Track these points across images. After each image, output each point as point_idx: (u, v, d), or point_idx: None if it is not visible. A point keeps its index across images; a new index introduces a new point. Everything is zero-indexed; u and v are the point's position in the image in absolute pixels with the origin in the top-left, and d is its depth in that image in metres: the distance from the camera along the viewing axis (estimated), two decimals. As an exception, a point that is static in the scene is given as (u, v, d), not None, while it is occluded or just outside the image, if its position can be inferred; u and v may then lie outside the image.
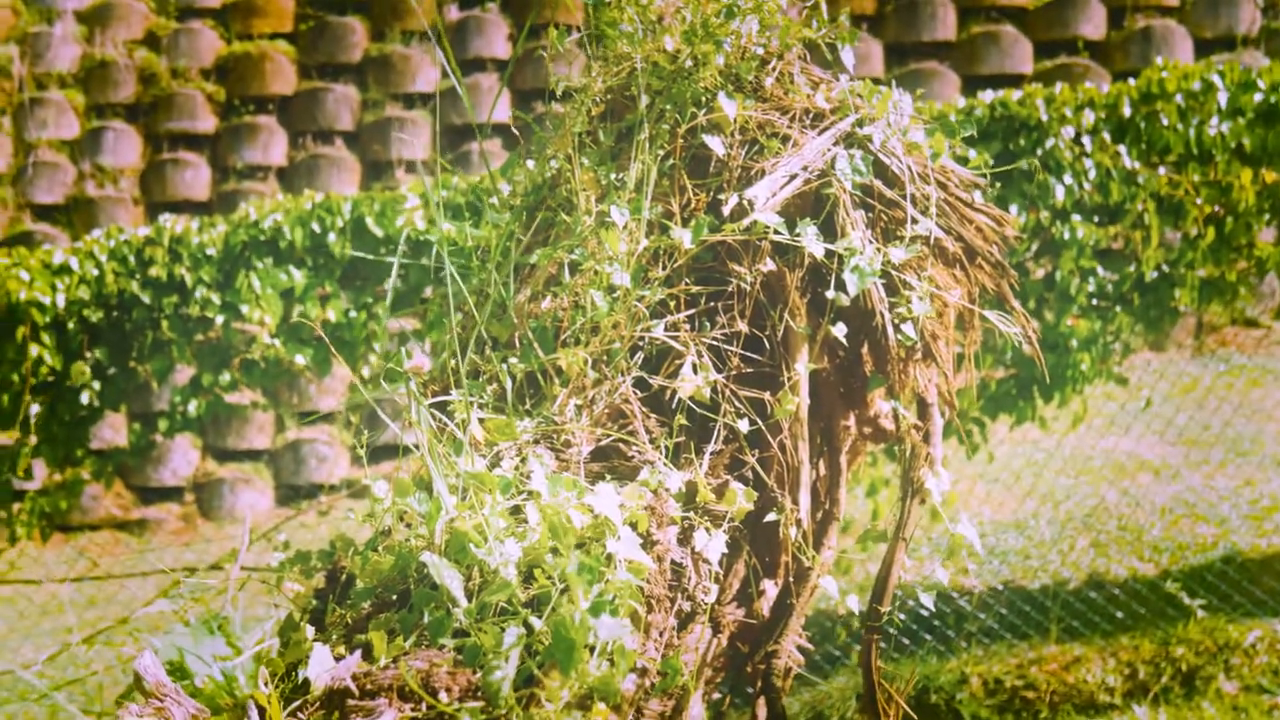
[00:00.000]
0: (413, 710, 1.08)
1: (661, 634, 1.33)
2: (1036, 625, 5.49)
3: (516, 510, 1.52)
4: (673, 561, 1.49)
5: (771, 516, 2.05)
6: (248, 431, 8.04)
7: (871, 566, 6.36)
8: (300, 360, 5.00)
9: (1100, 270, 5.17)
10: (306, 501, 7.59)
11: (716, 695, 2.61)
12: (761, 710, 2.42)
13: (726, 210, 2.02)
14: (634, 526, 1.36)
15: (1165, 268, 5.24)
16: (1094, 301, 5.21)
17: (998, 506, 6.53)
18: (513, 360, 1.99)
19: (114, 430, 6.79)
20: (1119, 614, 5.51)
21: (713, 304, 2.04)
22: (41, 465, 5.39)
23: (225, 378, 5.04)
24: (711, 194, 2.11)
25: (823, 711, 5.06)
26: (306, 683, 1.20)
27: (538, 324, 2.02)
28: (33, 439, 5.05)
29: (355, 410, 6.78)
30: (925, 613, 5.42)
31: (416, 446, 1.67)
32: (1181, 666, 5.13)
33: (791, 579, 2.13)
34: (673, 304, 2.01)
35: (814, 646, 3.24)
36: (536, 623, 1.18)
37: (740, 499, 1.73)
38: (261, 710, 1.14)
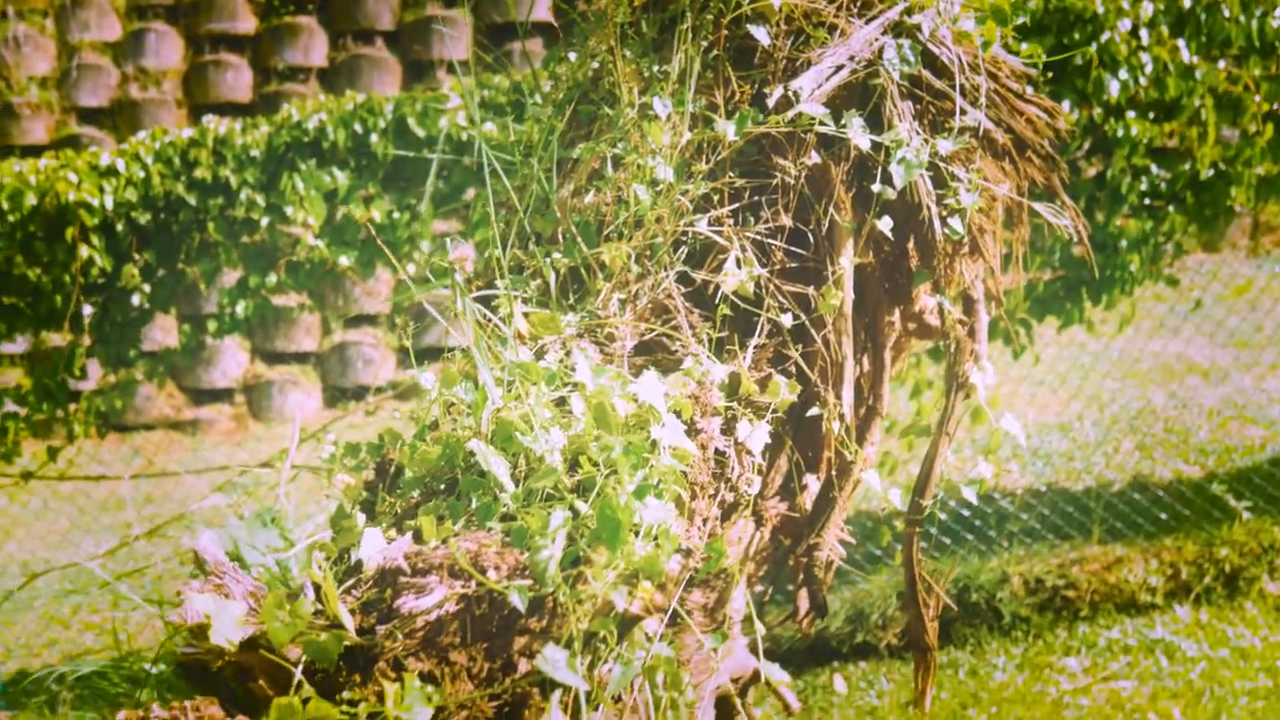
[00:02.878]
0: (462, 587, 1.10)
1: (705, 522, 1.35)
2: (1079, 526, 5.50)
3: (561, 402, 1.54)
4: (716, 451, 1.50)
5: (814, 411, 2.05)
6: (295, 334, 8.13)
7: (914, 468, 6.39)
8: (344, 261, 5.03)
9: (1154, 169, 5.05)
10: (354, 403, 7.71)
11: (758, 588, 2.65)
12: (803, 602, 2.46)
13: (771, 102, 1.99)
14: (678, 414, 1.37)
15: (1221, 165, 5.10)
16: (1146, 201, 5.10)
17: (1042, 409, 6.50)
18: (556, 255, 1.99)
19: (164, 332, 6.89)
20: (1163, 516, 5.50)
21: (756, 198, 2.02)
22: (96, 366, 5.50)
23: (271, 279, 5.09)
24: (756, 86, 2.07)
25: (863, 610, 5.14)
26: (359, 565, 1.23)
27: (580, 219, 2.02)
28: (86, 340, 5.14)
29: (400, 312, 6.83)
30: (966, 513, 5.44)
31: (460, 350, 1.69)
32: (1225, 568, 5.13)
33: (834, 473, 2.14)
34: (716, 198, 2.00)
35: (855, 545, 3.27)
36: (582, 506, 1.20)
37: (784, 390, 1.73)
38: (316, 589, 1.18)
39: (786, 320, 1.91)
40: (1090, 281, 5.06)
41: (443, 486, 1.55)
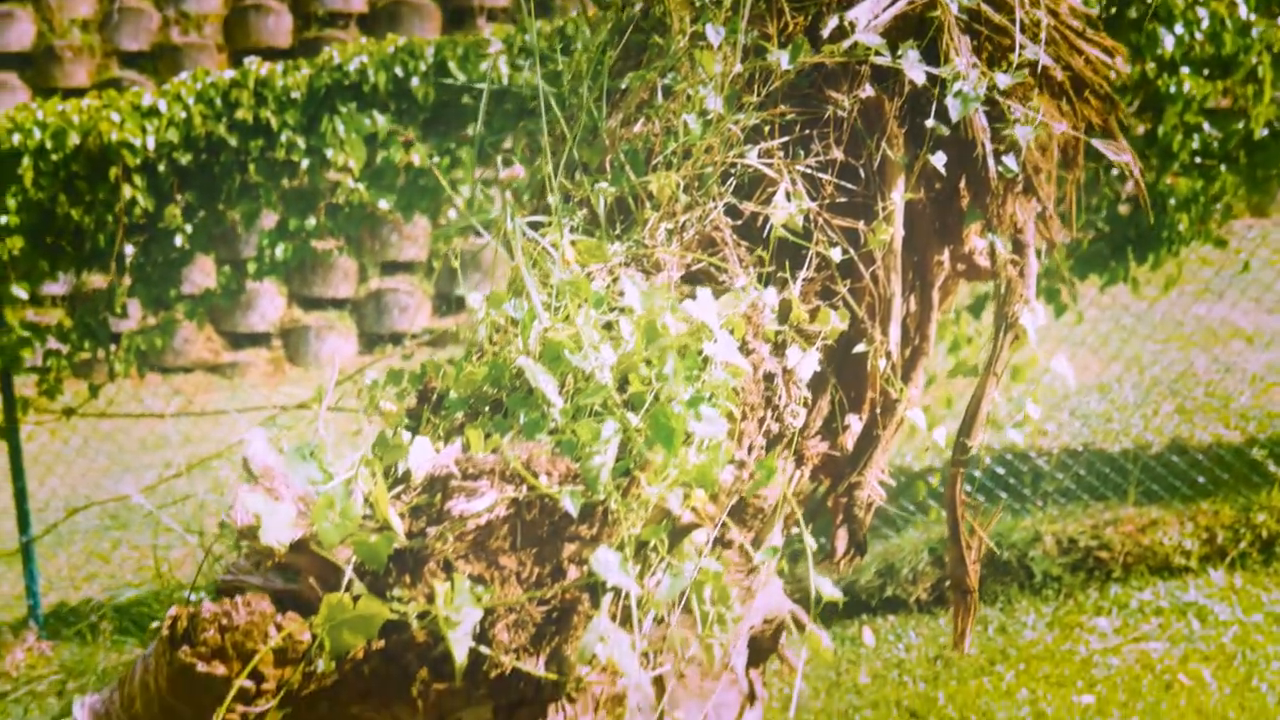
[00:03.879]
0: (513, 491, 1.10)
1: (751, 449, 1.34)
2: (1115, 488, 5.46)
3: (609, 327, 1.53)
4: (765, 375, 1.48)
5: (861, 348, 2.04)
6: (332, 279, 8.17)
7: (952, 425, 6.35)
8: (384, 205, 5.03)
9: (1206, 127, 4.95)
10: (390, 348, 7.75)
11: (795, 530, 2.64)
12: (841, 541, 2.46)
13: (826, 32, 1.95)
14: (730, 333, 1.36)
15: (1276, 125, 5.00)
16: (1197, 160, 5.01)
17: (1082, 370, 6.43)
18: (603, 184, 1.98)
19: (204, 275, 6.94)
20: (1200, 479, 5.45)
21: (808, 131, 1.99)
22: (136, 307, 5.55)
23: (311, 222, 5.10)
24: (810, 17, 2.04)
25: (894, 564, 5.14)
26: (407, 475, 1.24)
27: (629, 148, 2.00)
28: (127, 280, 5.18)
29: (439, 256, 6.83)
30: (1001, 470, 5.41)
31: (507, 272, 1.68)
32: (1262, 533, 5.08)
33: (878, 411, 2.12)
34: (767, 130, 1.97)
35: (888, 501, 3.26)
36: (633, 419, 1.19)
37: (834, 319, 1.71)
38: (364, 497, 1.18)
39: (835, 255, 1.89)
40: (1136, 240, 4.98)
41: (488, 408, 1.54)
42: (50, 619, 5.47)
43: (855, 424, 2.29)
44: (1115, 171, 4.88)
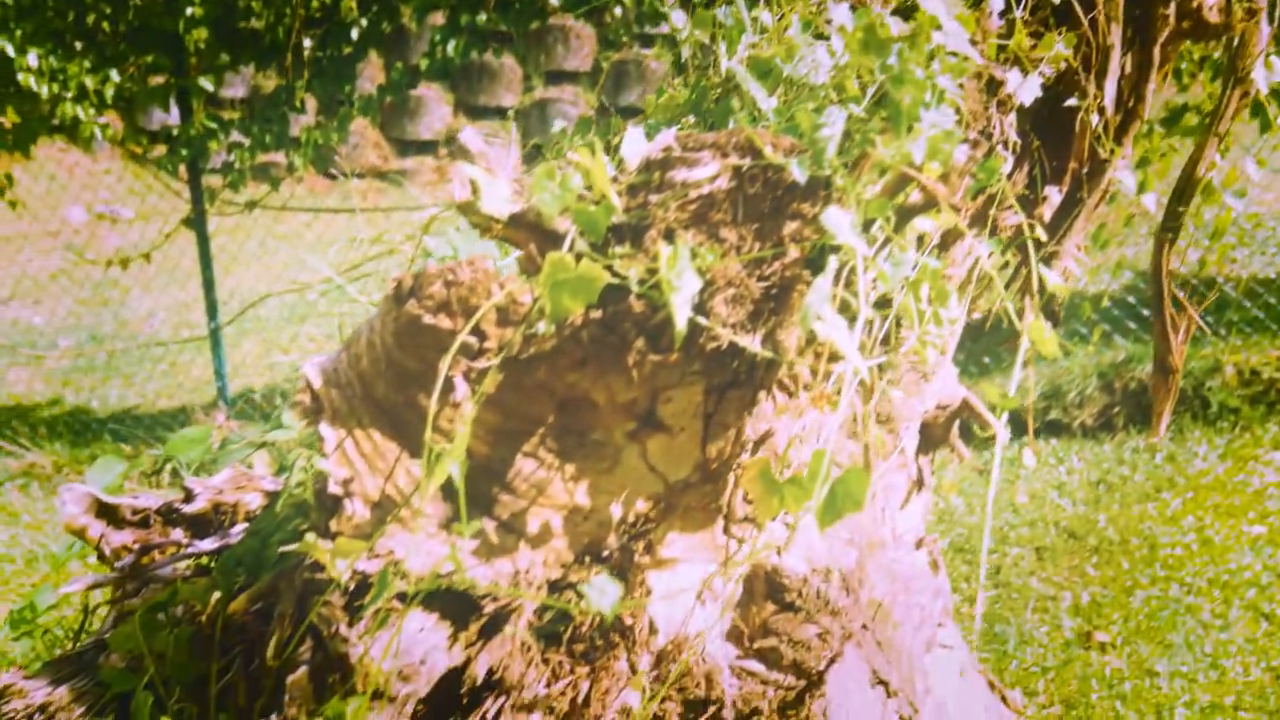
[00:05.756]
0: (738, 160, 1.08)
1: (975, 145, 1.27)
2: (1307, 320, 5.16)
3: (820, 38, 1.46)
4: (988, 81, 1.41)
5: (1071, 102, 1.92)
6: (496, 89, 8.18)
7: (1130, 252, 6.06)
8: (554, 2, 4.95)
9: None
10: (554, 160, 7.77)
11: (976, 315, 2.57)
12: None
13: None
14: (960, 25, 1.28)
15: None
16: None
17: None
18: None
19: (372, 83, 7.02)
20: (1403, 316, 5.10)
21: None
22: (311, 112, 5.68)
23: (481, 17, 5.06)
24: None
25: (1060, 386, 5.01)
26: (621, 163, 1.22)
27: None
28: (305, 74, 5.28)
29: (605, 60, 6.75)
30: (1181, 294, 5.16)
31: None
32: None
33: (1085, 173, 2.02)
34: None
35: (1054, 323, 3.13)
36: (857, 109, 1.14)
37: (1059, 45, 1.61)
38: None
39: (1056, -10, 1.76)
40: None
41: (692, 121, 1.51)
42: (237, 400, 5.82)
43: (1054, 196, 2.18)
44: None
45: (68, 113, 5.44)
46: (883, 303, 1.26)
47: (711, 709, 1.41)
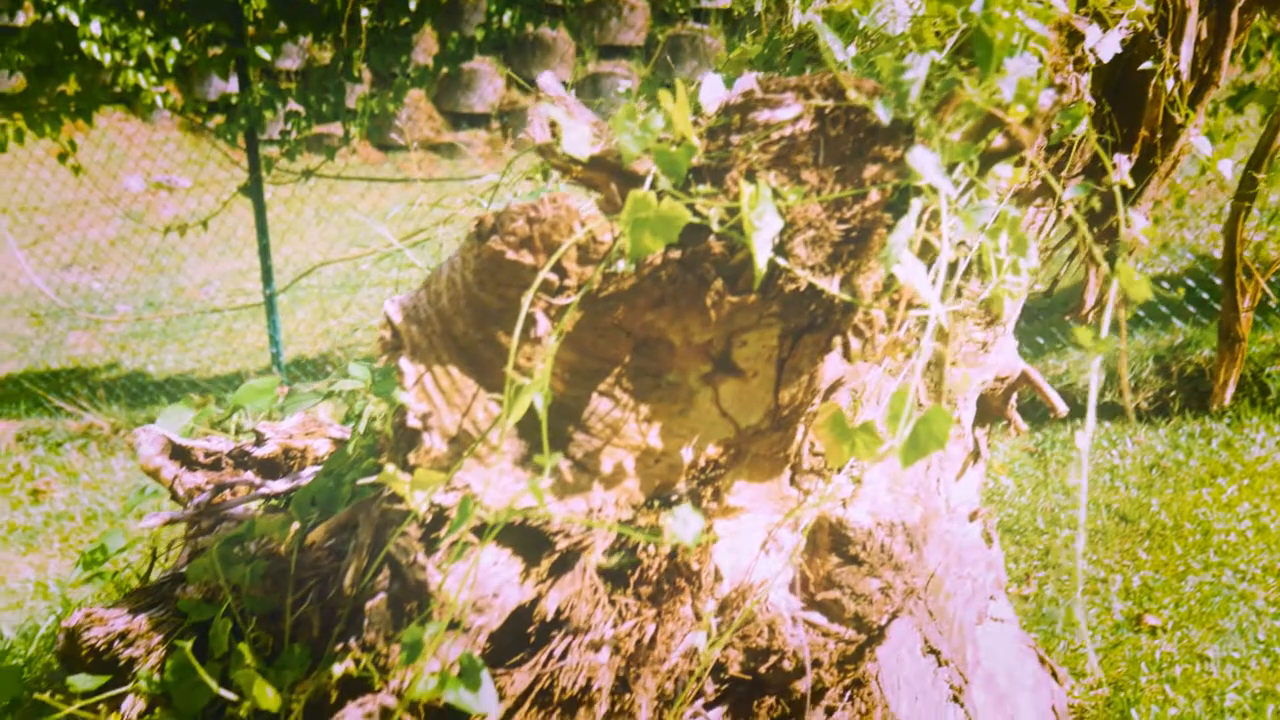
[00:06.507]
0: (821, 100, 1.08)
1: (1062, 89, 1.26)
2: (1373, 308, 5.05)
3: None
4: (1070, 33, 1.39)
5: (1147, 65, 1.90)
6: (550, 63, 8.19)
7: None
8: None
9: None
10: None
11: (1038, 286, 2.54)
12: (1091, 295, 2.36)
13: None
14: (1045, -27, 1.27)
15: None
16: None
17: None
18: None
19: (427, 55, 7.05)
20: None
21: None
22: (366, 79, 5.72)
23: (538, -13, 5.08)
24: None
25: (1116, 369, 4.94)
26: (699, 108, 1.23)
27: None
28: (362, 44, 5.32)
29: (661, 33, 6.74)
30: (1192, 283, 5.08)
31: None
32: None
33: (1158, 138, 1.99)
34: None
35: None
36: (937, 55, 1.14)
37: (1139, 1, 1.59)
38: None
39: (1135, -51, 1.73)
40: None
41: (766, 78, 1.51)
42: (290, 367, 5.89)
43: (1123, 164, 2.16)
44: None
45: (129, 81, 5.52)
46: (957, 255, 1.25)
47: (773, 658, 1.42)
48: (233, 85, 5.62)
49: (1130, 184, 1.82)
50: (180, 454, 1.71)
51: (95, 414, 5.55)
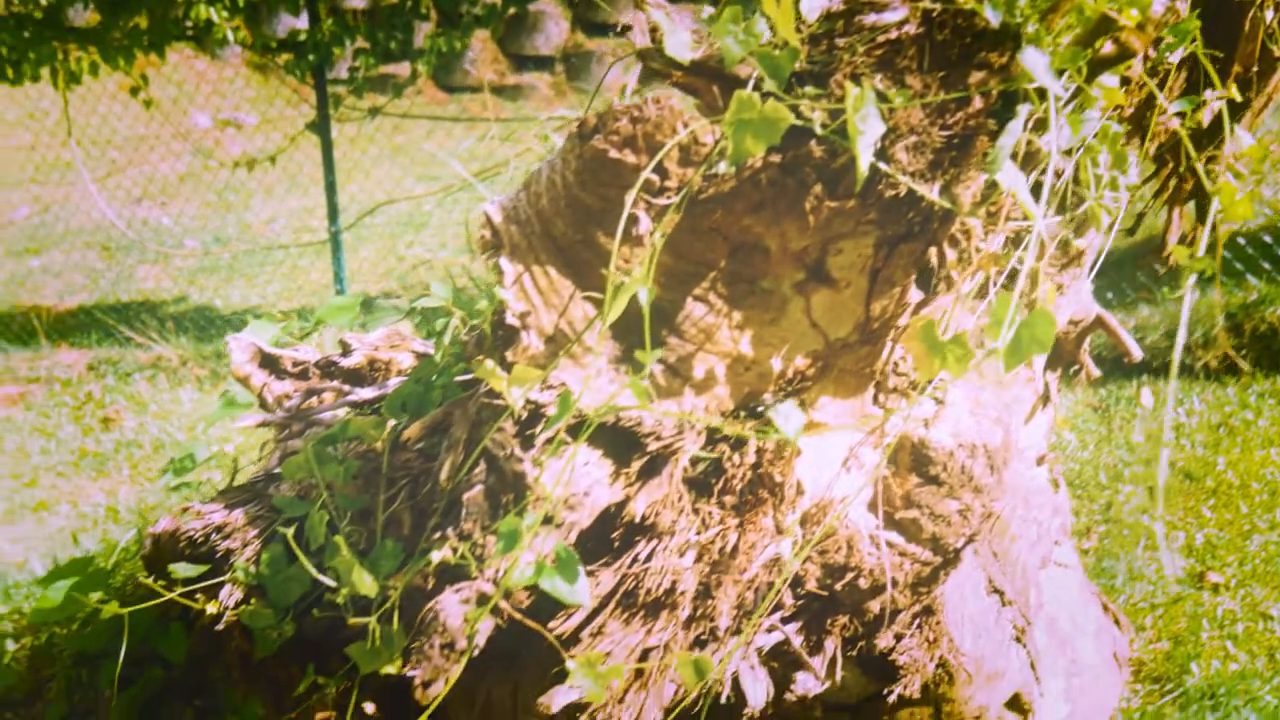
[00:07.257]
0: (929, 3, 1.07)
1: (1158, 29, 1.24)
2: None
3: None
4: None
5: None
6: (618, 3, 8.14)
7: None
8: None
9: None
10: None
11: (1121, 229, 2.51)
12: (1174, 235, 2.33)
13: None
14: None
15: None
16: None
17: None
18: None
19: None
20: None
21: None
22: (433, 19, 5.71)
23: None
24: None
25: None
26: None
27: None
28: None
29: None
30: (1268, 239, 4.96)
31: None
32: None
33: (1254, 72, 1.96)
34: None
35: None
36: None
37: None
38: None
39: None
40: None
41: None
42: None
43: (1214, 101, 2.11)
44: None
45: (201, 15, 5.56)
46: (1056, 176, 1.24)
47: (849, 575, 1.43)
48: (302, 22, 5.64)
49: (1237, 97, 1.79)
50: (269, 362, 1.75)
51: (164, 346, 5.66)
